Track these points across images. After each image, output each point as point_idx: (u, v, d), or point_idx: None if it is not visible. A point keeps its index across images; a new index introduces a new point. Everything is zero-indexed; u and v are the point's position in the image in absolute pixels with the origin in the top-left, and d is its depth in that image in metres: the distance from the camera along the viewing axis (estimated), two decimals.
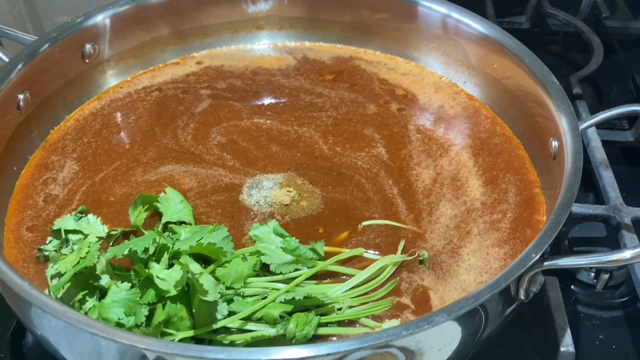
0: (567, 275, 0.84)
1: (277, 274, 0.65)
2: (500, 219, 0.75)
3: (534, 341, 0.76)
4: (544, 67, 0.80)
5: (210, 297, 0.57)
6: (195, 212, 0.74)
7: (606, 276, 0.82)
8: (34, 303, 0.55)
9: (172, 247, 0.65)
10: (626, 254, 0.59)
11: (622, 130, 1.04)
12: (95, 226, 0.72)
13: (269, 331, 0.60)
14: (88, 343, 0.56)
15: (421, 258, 0.70)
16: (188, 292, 0.60)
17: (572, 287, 0.84)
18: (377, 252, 0.71)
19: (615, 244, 0.83)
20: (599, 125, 1.00)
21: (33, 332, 0.64)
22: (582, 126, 0.75)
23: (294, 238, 0.67)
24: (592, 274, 0.84)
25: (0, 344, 0.74)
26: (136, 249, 0.63)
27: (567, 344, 0.72)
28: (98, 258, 0.64)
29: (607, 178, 0.90)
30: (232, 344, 0.60)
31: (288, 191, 0.78)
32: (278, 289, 0.64)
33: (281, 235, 0.67)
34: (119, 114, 0.89)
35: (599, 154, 0.94)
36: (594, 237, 0.86)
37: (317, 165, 0.82)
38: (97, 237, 0.71)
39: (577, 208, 0.84)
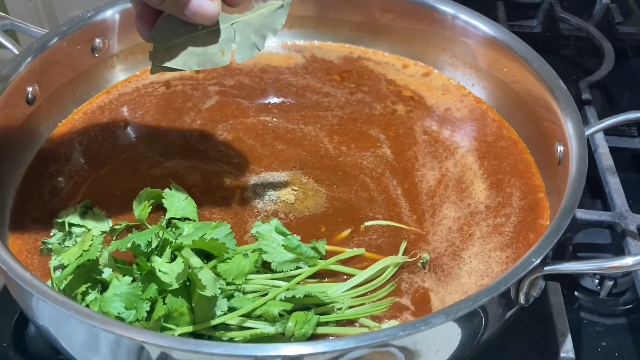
0: (571, 281, 0.84)
1: (278, 272, 0.66)
2: (504, 223, 0.75)
3: (535, 346, 0.75)
4: (551, 71, 0.80)
5: (208, 292, 0.58)
6: (199, 207, 0.75)
7: (610, 283, 0.82)
8: (35, 293, 0.55)
9: (175, 241, 0.65)
10: (628, 261, 0.59)
11: (630, 137, 1.03)
12: (99, 219, 0.72)
13: (268, 329, 0.60)
14: (87, 334, 0.56)
15: (422, 260, 0.70)
16: (189, 287, 0.61)
17: (576, 293, 0.84)
18: (378, 253, 0.71)
19: (620, 251, 0.82)
20: (608, 132, 0.99)
21: (35, 322, 0.64)
22: (589, 132, 0.74)
23: (295, 236, 0.67)
24: (596, 281, 0.83)
25: (4, 333, 0.74)
26: (139, 243, 0.64)
27: (567, 350, 0.72)
28: (101, 251, 0.64)
29: (614, 184, 0.90)
30: (231, 340, 0.60)
31: (293, 189, 0.78)
32: (278, 287, 0.64)
33: (283, 234, 0.67)
34: (126, 109, 0.90)
35: (606, 160, 0.94)
36: (599, 243, 0.85)
37: (322, 164, 0.82)
38: (100, 230, 0.71)
39: (582, 214, 0.84)
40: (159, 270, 0.61)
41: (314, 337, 0.61)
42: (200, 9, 0.60)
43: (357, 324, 0.64)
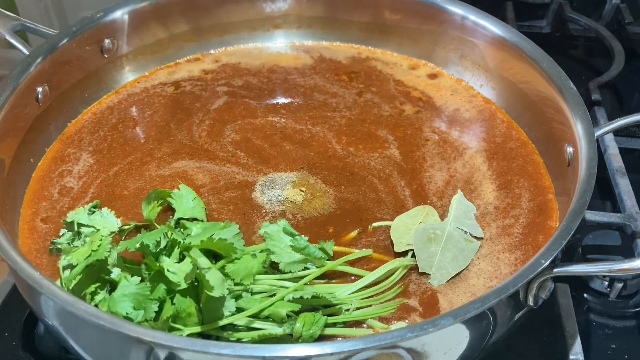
0: (580, 283, 0.83)
1: (286, 273, 0.66)
2: (513, 224, 0.74)
3: (543, 348, 0.75)
4: (561, 72, 0.80)
5: (216, 293, 0.58)
6: (208, 208, 0.75)
7: (620, 285, 0.81)
8: (44, 293, 0.56)
9: (183, 242, 0.65)
10: (638, 263, 0.58)
11: None
12: (108, 219, 0.72)
13: (276, 330, 0.60)
14: (96, 334, 0.56)
15: None
16: (198, 287, 0.61)
17: (585, 295, 0.83)
18: (386, 254, 0.71)
19: (630, 253, 0.82)
20: (618, 133, 0.99)
21: (44, 321, 0.65)
22: (598, 133, 0.74)
23: (303, 237, 0.67)
24: (606, 283, 0.82)
25: (13, 332, 0.75)
26: (148, 243, 0.64)
27: (576, 352, 0.71)
28: (109, 251, 0.65)
29: (624, 186, 0.89)
30: (239, 341, 0.60)
31: (300, 190, 0.78)
32: (286, 287, 0.64)
33: (291, 234, 0.67)
34: (135, 109, 0.90)
35: (615, 161, 0.93)
36: (608, 245, 0.85)
37: (330, 165, 0.82)
38: (109, 230, 0.71)
39: (592, 215, 0.83)
40: (168, 271, 0.61)
41: (321, 338, 0.61)
42: None
43: (364, 325, 0.64)
